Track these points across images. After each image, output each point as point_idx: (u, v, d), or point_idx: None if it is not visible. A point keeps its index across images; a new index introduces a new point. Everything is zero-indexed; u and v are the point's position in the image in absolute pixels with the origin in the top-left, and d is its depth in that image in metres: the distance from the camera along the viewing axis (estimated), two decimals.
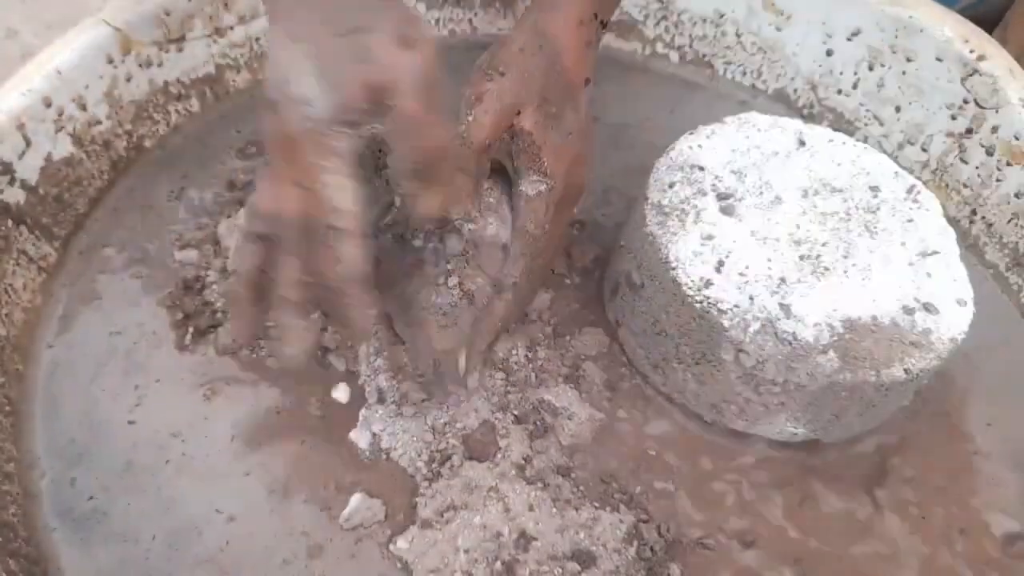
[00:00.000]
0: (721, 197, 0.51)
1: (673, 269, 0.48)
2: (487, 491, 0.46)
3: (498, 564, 0.43)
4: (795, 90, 0.72)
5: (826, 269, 0.48)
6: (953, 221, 0.62)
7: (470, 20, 0.75)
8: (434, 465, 0.47)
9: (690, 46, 0.75)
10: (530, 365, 0.52)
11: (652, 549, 0.45)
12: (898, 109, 0.66)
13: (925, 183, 0.55)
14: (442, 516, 0.45)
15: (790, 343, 0.45)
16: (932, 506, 0.50)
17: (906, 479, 0.51)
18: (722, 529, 0.47)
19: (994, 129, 0.61)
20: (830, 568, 0.47)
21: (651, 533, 0.46)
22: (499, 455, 0.48)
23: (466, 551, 0.44)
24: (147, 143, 0.63)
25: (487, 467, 0.47)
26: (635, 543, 0.45)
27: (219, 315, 0.53)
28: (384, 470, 0.48)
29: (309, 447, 0.49)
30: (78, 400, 0.50)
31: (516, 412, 0.50)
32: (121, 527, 0.45)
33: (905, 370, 0.46)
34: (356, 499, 0.46)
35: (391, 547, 0.45)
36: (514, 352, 0.52)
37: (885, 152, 0.65)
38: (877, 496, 0.50)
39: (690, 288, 0.47)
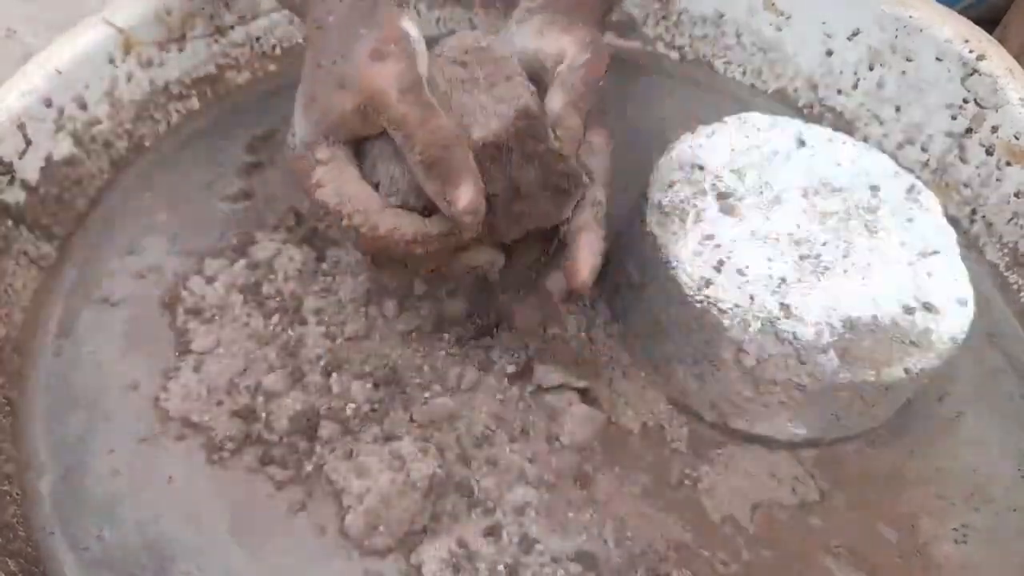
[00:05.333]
0: (721, 197, 0.51)
1: (673, 269, 0.48)
2: (488, 493, 0.46)
3: (500, 567, 0.43)
4: (795, 90, 0.72)
5: (826, 269, 0.48)
6: (953, 220, 0.62)
7: (470, 20, 0.75)
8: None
9: (690, 46, 0.75)
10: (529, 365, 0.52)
11: (655, 550, 0.45)
12: (898, 109, 0.66)
13: (925, 183, 0.55)
14: (441, 521, 0.45)
15: (790, 343, 0.45)
16: (933, 504, 0.50)
17: (907, 478, 0.51)
18: (724, 528, 0.47)
19: (994, 129, 0.61)
20: (833, 567, 0.47)
21: (653, 533, 0.46)
22: (499, 457, 0.48)
23: (468, 556, 0.44)
24: (147, 143, 0.63)
25: (487, 470, 0.47)
26: (638, 544, 0.45)
27: (216, 315, 0.53)
28: None
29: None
30: (78, 401, 0.50)
31: (516, 413, 0.50)
32: (120, 528, 0.45)
33: (905, 370, 0.46)
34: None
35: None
36: (513, 353, 0.52)
37: (885, 152, 0.65)
38: (878, 495, 0.50)
39: (690, 288, 0.47)
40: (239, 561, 0.44)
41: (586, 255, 0.44)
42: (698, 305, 0.47)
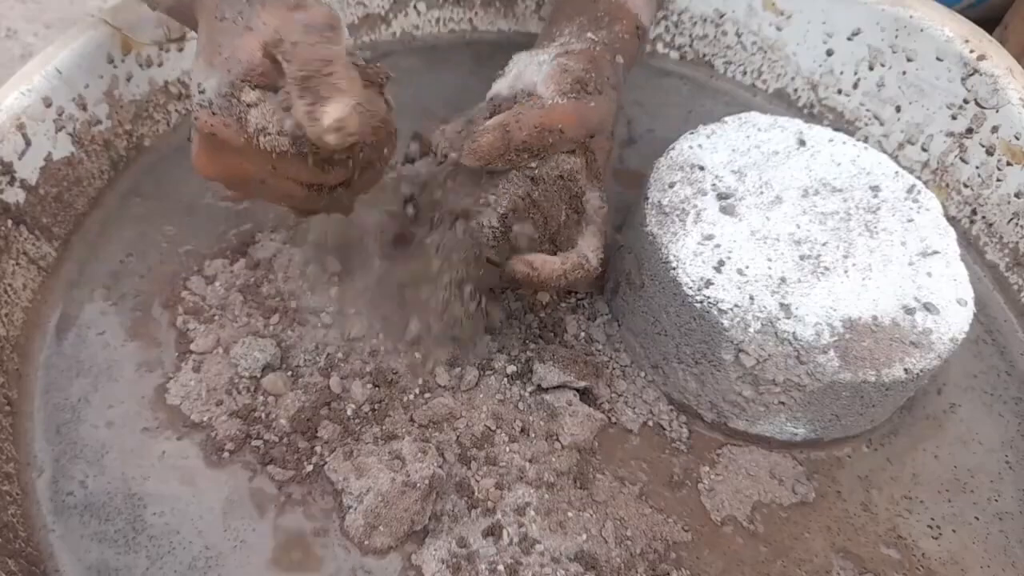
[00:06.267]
0: (721, 197, 0.51)
1: (673, 269, 0.48)
2: (488, 493, 0.46)
3: (500, 567, 0.43)
4: (795, 90, 0.72)
5: (826, 269, 0.48)
6: (953, 221, 0.62)
7: (470, 19, 0.75)
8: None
9: (690, 46, 0.75)
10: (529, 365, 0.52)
11: (655, 550, 0.45)
12: (898, 109, 0.66)
13: (925, 183, 0.55)
14: (441, 521, 0.45)
15: (790, 343, 0.45)
16: (934, 504, 0.50)
17: (907, 479, 0.51)
18: (724, 528, 0.47)
19: (994, 129, 0.61)
20: (833, 566, 0.47)
21: (653, 533, 0.46)
22: (499, 457, 0.48)
23: (468, 556, 0.44)
24: (147, 143, 0.63)
25: (487, 470, 0.47)
26: (638, 544, 0.45)
27: (216, 315, 0.53)
28: None
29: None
30: (78, 400, 0.50)
31: (516, 413, 0.50)
32: (120, 528, 0.45)
33: (905, 370, 0.46)
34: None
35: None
36: (513, 353, 0.52)
37: (885, 152, 0.65)
38: (877, 496, 0.50)
39: (690, 288, 0.47)
40: (218, 541, 0.44)
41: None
42: (698, 305, 0.47)
